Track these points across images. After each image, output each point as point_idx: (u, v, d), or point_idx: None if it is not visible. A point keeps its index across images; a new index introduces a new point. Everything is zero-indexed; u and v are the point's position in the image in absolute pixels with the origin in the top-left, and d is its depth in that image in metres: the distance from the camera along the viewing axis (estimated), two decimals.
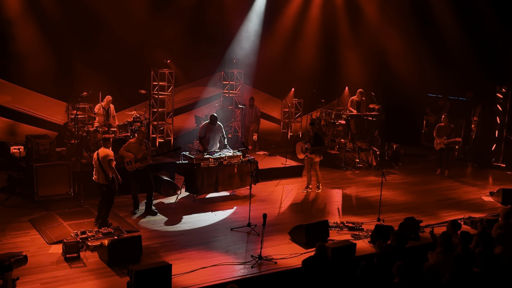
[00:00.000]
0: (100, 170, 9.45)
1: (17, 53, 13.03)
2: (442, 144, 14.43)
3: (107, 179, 9.40)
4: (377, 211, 10.82)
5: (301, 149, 12.54)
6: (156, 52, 14.61)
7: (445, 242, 7.75)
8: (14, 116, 13.59)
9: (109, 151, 9.48)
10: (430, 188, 13.55)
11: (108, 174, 9.40)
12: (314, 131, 12.37)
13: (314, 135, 12.29)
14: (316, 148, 12.21)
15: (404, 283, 6.92)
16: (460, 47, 16.52)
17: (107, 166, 9.37)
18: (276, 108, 18.00)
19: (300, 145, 12.60)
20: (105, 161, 9.37)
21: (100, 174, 9.47)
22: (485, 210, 11.76)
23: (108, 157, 9.39)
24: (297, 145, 12.75)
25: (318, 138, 12.34)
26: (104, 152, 9.45)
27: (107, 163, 9.36)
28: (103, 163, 9.39)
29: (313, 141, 12.25)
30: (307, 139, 12.41)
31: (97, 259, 8.31)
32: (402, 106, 16.99)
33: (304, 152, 12.42)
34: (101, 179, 9.50)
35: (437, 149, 14.68)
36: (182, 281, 7.69)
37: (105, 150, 9.50)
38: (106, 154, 9.42)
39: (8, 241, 8.87)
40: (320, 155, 12.41)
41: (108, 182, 9.42)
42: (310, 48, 17.43)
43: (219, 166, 11.56)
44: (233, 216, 10.76)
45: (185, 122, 15.99)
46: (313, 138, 12.28)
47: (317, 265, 7.76)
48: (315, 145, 12.22)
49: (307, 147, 12.29)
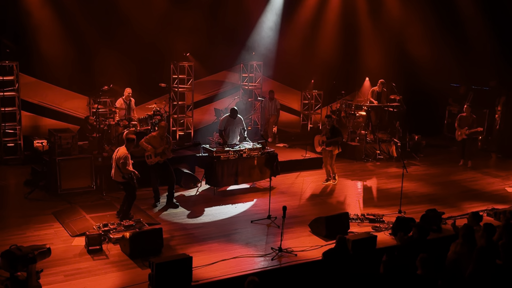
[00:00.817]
0: (116, 168, 9.50)
1: (39, 48, 13.19)
2: (464, 135, 14.23)
3: (123, 177, 9.43)
4: (398, 203, 10.73)
5: (319, 142, 12.49)
6: (176, 45, 14.65)
7: (466, 234, 7.66)
8: (37, 110, 13.77)
9: (125, 153, 9.42)
10: (452, 180, 13.40)
11: (123, 173, 9.41)
12: (331, 124, 12.24)
13: (330, 128, 12.19)
14: (331, 140, 12.12)
15: (427, 275, 6.87)
16: (483, 36, 16.24)
17: (121, 167, 9.37)
18: (295, 100, 17.92)
19: (318, 138, 12.55)
20: (118, 162, 9.38)
21: (117, 171, 9.51)
22: (509, 201, 11.60)
23: (121, 159, 9.35)
24: (315, 138, 12.72)
25: (335, 131, 12.23)
26: (120, 153, 9.42)
27: (120, 165, 9.36)
28: (117, 163, 9.43)
29: (329, 134, 12.17)
30: (324, 132, 12.34)
31: (119, 252, 8.40)
32: (424, 96, 16.78)
33: (321, 145, 12.37)
34: (117, 177, 9.55)
35: (459, 140, 14.48)
36: (203, 273, 7.74)
37: (123, 151, 9.46)
38: (120, 155, 9.38)
39: (32, 233, 9.02)
40: (339, 148, 12.31)
41: (124, 179, 9.45)
42: (330, 39, 17.28)
43: (239, 158, 11.58)
44: (253, 209, 10.78)
45: (205, 115, 16.03)
46: (330, 130, 12.18)
47: (337, 257, 7.74)
48: (332, 138, 12.15)
49: (324, 139, 12.23)
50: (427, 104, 16.96)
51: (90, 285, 7.32)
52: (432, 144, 16.48)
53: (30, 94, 13.59)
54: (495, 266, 7.27)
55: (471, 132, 14.12)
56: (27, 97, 13.51)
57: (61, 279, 7.47)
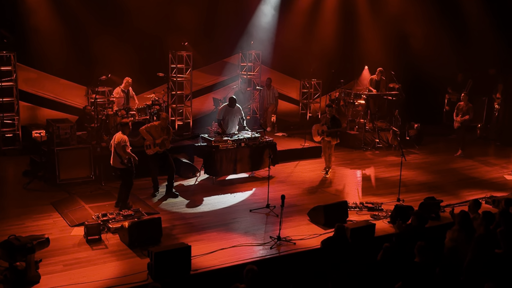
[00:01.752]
0: (115, 154, 9.54)
1: (37, 38, 13.11)
2: (458, 123, 14.22)
3: (122, 163, 9.48)
4: (397, 191, 10.75)
5: (317, 131, 12.41)
6: (174, 34, 14.58)
7: (462, 220, 7.68)
8: (35, 100, 13.71)
9: (124, 137, 9.50)
10: (451, 168, 13.41)
11: (122, 158, 9.46)
12: (332, 113, 12.17)
13: (331, 118, 12.10)
14: (332, 130, 12.06)
15: (425, 263, 6.89)
16: (482, 24, 16.16)
17: (122, 150, 9.42)
18: (294, 89, 17.86)
19: (317, 127, 12.49)
20: (119, 146, 9.41)
21: (116, 158, 9.55)
22: (508, 189, 11.63)
23: (122, 142, 9.42)
24: (313, 128, 12.66)
25: (335, 121, 12.15)
26: (119, 138, 9.48)
27: (121, 149, 9.40)
28: (117, 148, 9.46)
29: (330, 124, 12.09)
30: (324, 121, 12.25)
31: (118, 241, 8.42)
32: (423, 85, 16.74)
33: (321, 134, 12.29)
34: (116, 163, 9.58)
35: (455, 127, 14.47)
36: (202, 262, 7.77)
37: (121, 135, 9.53)
38: (120, 139, 9.45)
39: (31, 224, 9.03)
40: (337, 138, 12.26)
41: (124, 165, 9.49)
42: (328, 27, 17.19)
43: (238, 148, 11.57)
44: (252, 198, 10.79)
45: (203, 105, 15.99)
46: (330, 120, 12.09)
47: (336, 245, 7.77)
48: (332, 128, 12.08)
49: (324, 129, 12.17)
50: (426, 92, 16.93)
51: (89, 274, 7.34)
52: (431, 132, 16.47)
53: (28, 85, 13.54)
54: (493, 255, 7.29)
55: (462, 120, 14.10)
56: (25, 87, 13.46)
57: (60, 268, 7.48)
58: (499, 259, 7.17)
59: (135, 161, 9.55)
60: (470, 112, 14.03)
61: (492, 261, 7.15)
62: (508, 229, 7.53)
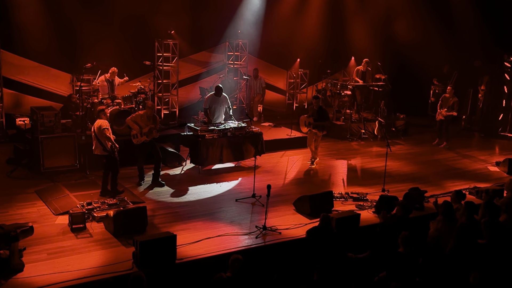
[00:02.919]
0: (97, 142, 9.51)
1: (21, 24, 12.93)
2: (441, 116, 14.31)
3: (105, 150, 9.43)
4: (382, 182, 10.82)
5: (304, 123, 12.40)
6: (160, 23, 14.47)
7: (446, 210, 7.76)
8: (19, 88, 13.56)
9: (103, 121, 9.50)
10: (435, 159, 13.53)
11: (105, 145, 9.41)
12: (318, 105, 12.13)
13: (318, 109, 12.07)
14: (319, 123, 12.05)
15: (409, 253, 6.95)
16: (468, 16, 16.24)
17: (103, 136, 9.39)
18: (281, 79, 17.86)
19: (304, 118, 12.47)
20: (100, 131, 9.40)
21: (98, 145, 9.53)
22: (491, 180, 11.75)
23: (101, 126, 9.41)
24: (300, 118, 12.66)
25: (322, 113, 12.12)
26: (98, 123, 9.47)
27: (102, 134, 9.38)
28: (98, 134, 9.43)
29: (316, 115, 12.08)
30: (311, 113, 12.24)
31: (103, 230, 8.38)
32: (409, 76, 16.81)
33: (307, 126, 12.30)
34: (99, 151, 9.56)
35: (437, 119, 14.56)
36: (187, 251, 7.76)
37: (99, 121, 9.52)
38: (100, 124, 9.44)
39: (15, 212, 8.95)
40: (324, 130, 12.29)
41: (107, 152, 9.45)
42: (315, 18, 17.18)
43: (224, 137, 11.55)
44: (238, 187, 10.79)
45: (190, 94, 15.93)
46: (317, 112, 12.08)
47: (321, 235, 7.80)
48: (319, 120, 12.05)
49: (310, 121, 12.17)
50: (412, 83, 17.01)
51: (73, 263, 7.30)
52: (417, 123, 16.58)
53: (12, 72, 13.37)
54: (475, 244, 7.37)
55: (447, 114, 14.19)
56: (9, 74, 13.30)
57: (44, 257, 7.44)
58: (482, 249, 7.25)
59: (116, 149, 9.52)
60: (456, 106, 14.08)
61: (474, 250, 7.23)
62: (492, 220, 7.61)
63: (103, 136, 9.42)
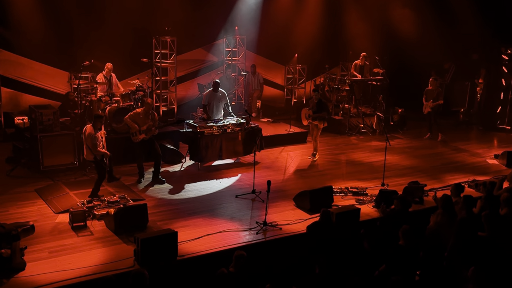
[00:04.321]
0: (87, 147, 9.30)
1: (18, 23, 12.90)
2: (429, 108, 14.35)
3: (95, 157, 9.27)
4: (381, 176, 10.84)
5: (305, 115, 12.49)
6: (158, 20, 14.44)
7: (445, 204, 7.79)
8: (17, 86, 13.53)
9: (91, 133, 9.14)
10: (434, 152, 13.55)
11: (94, 153, 9.23)
12: (318, 98, 12.24)
13: (317, 102, 12.19)
14: (318, 115, 12.14)
15: (409, 246, 6.99)
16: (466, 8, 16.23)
17: (91, 147, 9.17)
18: (279, 74, 17.85)
19: (305, 111, 12.56)
20: (88, 142, 9.16)
21: (88, 151, 9.32)
22: (490, 173, 11.77)
23: (88, 141, 9.13)
24: (302, 111, 12.74)
25: (322, 105, 12.24)
26: (87, 134, 9.17)
27: (91, 145, 9.15)
28: (87, 142, 9.23)
29: (316, 108, 12.17)
30: (311, 106, 12.33)
31: (104, 228, 8.39)
32: (407, 70, 16.80)
33: (307, 118, 12.37)
34: (88, 156, 9.39)
35: (425, 113, 14.61)
36: (188, 248, 7.78)
37: (90, 130, 9.20)
38: (90, 136, 9.14)
39: (15, 211, 8.96)
40: (325, 122, 12.34)
41: (95, 160, 9.30)
42: (313, 12, 17.15)
43: (223, 134, 11.56)
44: (237, 184, 10.81)
45: (188, 90, 15.92)
46: (316, 104, 12.18)
47: (321, 230, 7.83)
48: (318, 112, 12.15)
49: (310, 113, 12.24)
50: (410, 77, 16.99)
51: (75, 261, 7.31)
52: (415, 117, 16.59)
53: (9, 70, 13.35)
54: (476, 238, 7.40)
55: (434, 104, 14.23)
56: (7, 73, 13.28)
57: (45, 255, 7.45)
58: (482, 242, 7.28)
59: (107, 157, 9.43)
60: (440, 96, 14.18)
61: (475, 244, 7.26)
62: (492, 213, 7.64)
63: (91, 146, 9.16)
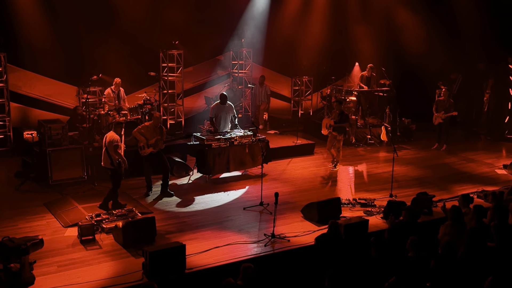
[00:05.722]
0: (106, 154, 9.49)
1: (27, 39, 13.05)
2: (440, 119, 14.32)
3: (112, 164, 9.44)
4: (389, 187, 10.81)
5: (326, 125, 12.63)
6: (164, 34, 14.55)
7: (455, 215, 7.74)
8: (26, 101, 13.65)
9: (115, 136, 9.47)
10: (442, 163, 13.50)
11: (113, 159, 9.42)
12: (340, 109, 12.53)
13: (339, 113, 12.42)
14: (339, 125, 12.33)
15: (418, 257, 6.94)
16: (472, 19, 16.24)
17: (113, 151, 9.38)
18: (286, 86, 17.89)
19: (326, 121, 12.72)
20: (111, 146, 9.38)
21: (106, 158, 9.51)
22: (499, 183, 11.71)
23: (113, 142, 9.38)
24: (323, 121, 12.91)
25: (343, 116, 12.43)
26: (111, 137, 9.45)
27: (112, 148, 9.37)
28: (109, 148, 9.42)
29: (337, 119, 12.37)
30: (333, 116, 12.51)
31: (112, 241, 8.41)
32: (414, 80, 16.80)
33: (328, 128, 12.53)
34: (106, 163, 9.55)
35: (436, 123, 14.58)
36: (196, 260, 7.78)
37: (113, 134, 9.49)
38: (112, 139, 9.41)
39: (24, 225, 9.00)
40: (343, 133, 12.52)
41: (113, 166, 9.46)
42: (319, 24, 17.19)
43: (230, 146, 11.58)
44: (245, 196, 10.81)
45: (195, 103, 15.99)
46: (338, 115, 12.40)
47: (330, 242, 7.80)
48: (339, 123, 12.31)
49: (331, 123, 12.41)
50: (417, 88, 16.98)
51: (83, 275, 7.33)
52: (422, 128, 16.54)
53: (18, 86, 13.48)
54: (486, 248, 7.35)
55: (446, 116, 14.20)
56: (16, 88, 13.41)
57: (54, 269, 7.47)
58: (492, 252, 7.22)
59: (125, 165, 9.52)
60: (452, 107, 14.16)
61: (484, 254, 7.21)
62: (501, 223, 7.59)
63: (112, 151, 9.40)
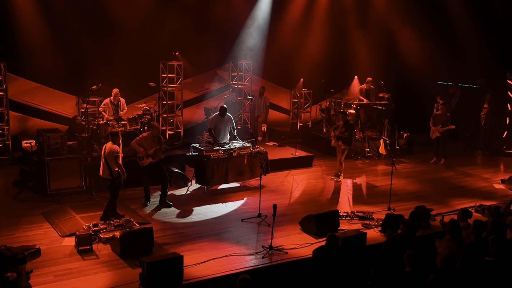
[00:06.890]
0: (105, 165, 9.46)
1: (27, 48, 13.13)
2: (438, 133, 14.37)
3: (111, 174, 9.41)
4: (388, 200, 10.81)
5: (333, 136, 12.84)
6: (165, 44, 14.62)
7: (453, 229, 7.73)
8: (25, 110, 13.69)
9: (115, 147, 9.43)
10: (440, 177, 13.51)
11: (112, 170, 9.39)
12: (344, 119, 12.68)
13: (344, 123, 12.57)
14: (341, 135, 12.46)
15: (415, 272, 6.92)
16: (470, 34, 16.35)
17: (112, 161, 9.35)
18: (285, 98, 17.96)
19: (333, 133, 12.85)
20: (110, 156, 9.34)
21: (105, 168, 9.47)
22: (497, 197, 11.71)
23: (114, 153, 9.35)
24: (331, 133, 12.99)
25: (347, 126, 12.54)
26: (110, 148, 9.41)
27: (112, 159, 9.34)
28: (108, 158, 9.38)
29: (343, 129, 12.53)
30: (340, 127, 12.67)
31: (110, 251, 8.39)
32: (413, 94, 16.87)
33: (333, 138, 12.77)
34: (105, 174, 9.51)
35: (433, 137, 14.63)
36: (194, 272, 7.75)
37: (112, 145, 9.45)
38: (111, 149, 9.38)
39: (22, 234, 8.97)
40: (346, 143, 12.59)
41: (112, 177, 9.44)
42: (318, 37, 17.32)
43: (229, 157, 11.59)
44: (243, 207, 10.80)
45: (194, 114, 16.02)
46: (343, 125, 12.54)
47: (327, 254, 7.78)
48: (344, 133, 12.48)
49: (336, 133, 12.60)
50: (415, 101, 17.04)
51: (80, 285, 7.30)
52: (421, 141, 16.58)
53: (17, 94, 13.50)
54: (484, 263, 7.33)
55: (444, 129, 14.25)
56: (15, 97, 13.43)
57: (51, 279, 7.44)
58: (489, 267, 7.20)
59: (124, 177, 9.50)
60: (449, 122, 14.22)
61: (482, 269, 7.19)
62: (499, 237, 7.58)
63: (112, 161, 9.37)
